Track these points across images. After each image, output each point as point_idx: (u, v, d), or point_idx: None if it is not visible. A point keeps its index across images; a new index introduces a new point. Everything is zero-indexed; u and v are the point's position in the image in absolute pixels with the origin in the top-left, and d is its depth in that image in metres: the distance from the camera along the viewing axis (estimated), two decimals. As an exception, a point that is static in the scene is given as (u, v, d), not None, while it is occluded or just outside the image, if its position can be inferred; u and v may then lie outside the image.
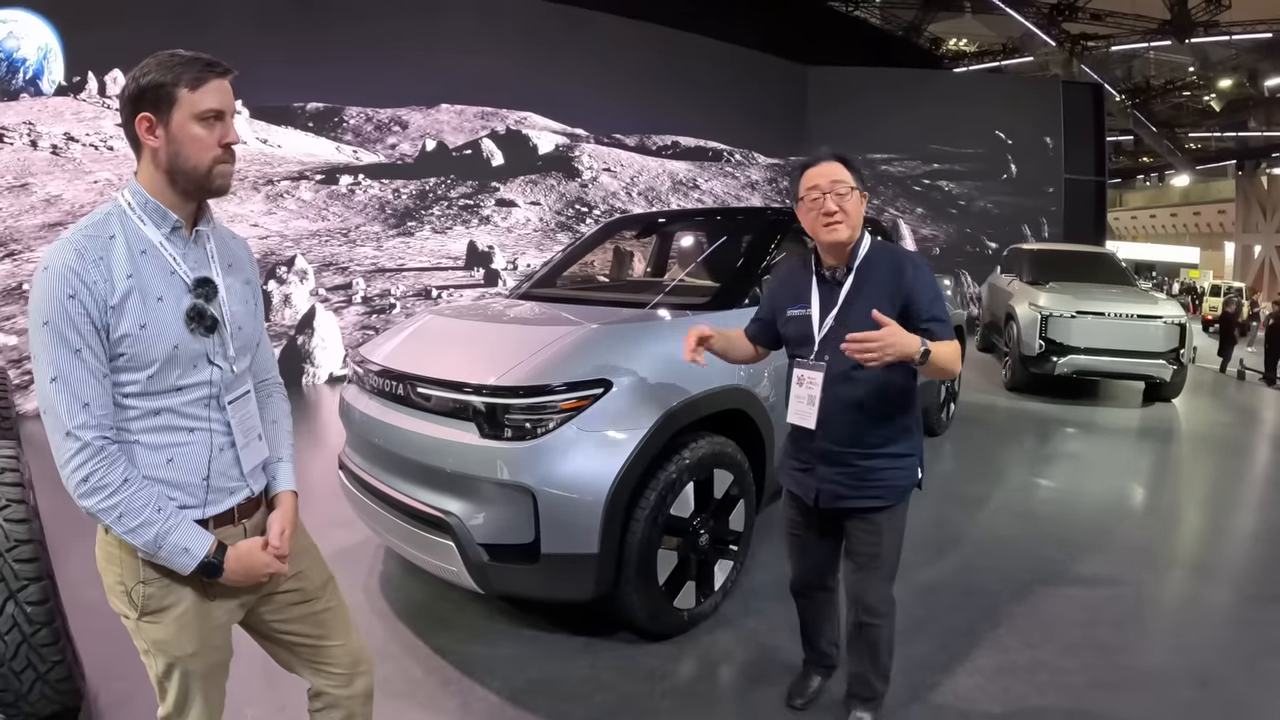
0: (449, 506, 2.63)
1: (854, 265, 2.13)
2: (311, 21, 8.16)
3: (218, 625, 1.51)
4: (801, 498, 2.26)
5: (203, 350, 1.42)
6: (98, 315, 1.30)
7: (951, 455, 5.72)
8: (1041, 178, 14.31)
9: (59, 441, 1.31)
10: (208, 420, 1.45)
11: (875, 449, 2.14)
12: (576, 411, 2.55)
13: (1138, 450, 6.23)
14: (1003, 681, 2.70)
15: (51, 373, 1.29)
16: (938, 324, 2.03)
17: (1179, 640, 3.05)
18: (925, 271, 2.11)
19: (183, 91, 1.34)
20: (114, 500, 1.33)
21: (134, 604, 1.43)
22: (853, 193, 2.09)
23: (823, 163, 2.12)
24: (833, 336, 2.08)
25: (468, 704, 2.56)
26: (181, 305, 1.39)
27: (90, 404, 1.31)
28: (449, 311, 3.71)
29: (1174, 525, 4.52)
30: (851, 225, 2.08)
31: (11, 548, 2.16)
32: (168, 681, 1.49)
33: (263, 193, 7.27)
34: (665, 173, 9.48)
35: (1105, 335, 7.37)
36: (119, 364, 1.34)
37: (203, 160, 1.37)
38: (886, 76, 14.18)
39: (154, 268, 1.37)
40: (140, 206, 1.38)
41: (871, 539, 2.19)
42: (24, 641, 2.16)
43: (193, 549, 1.39)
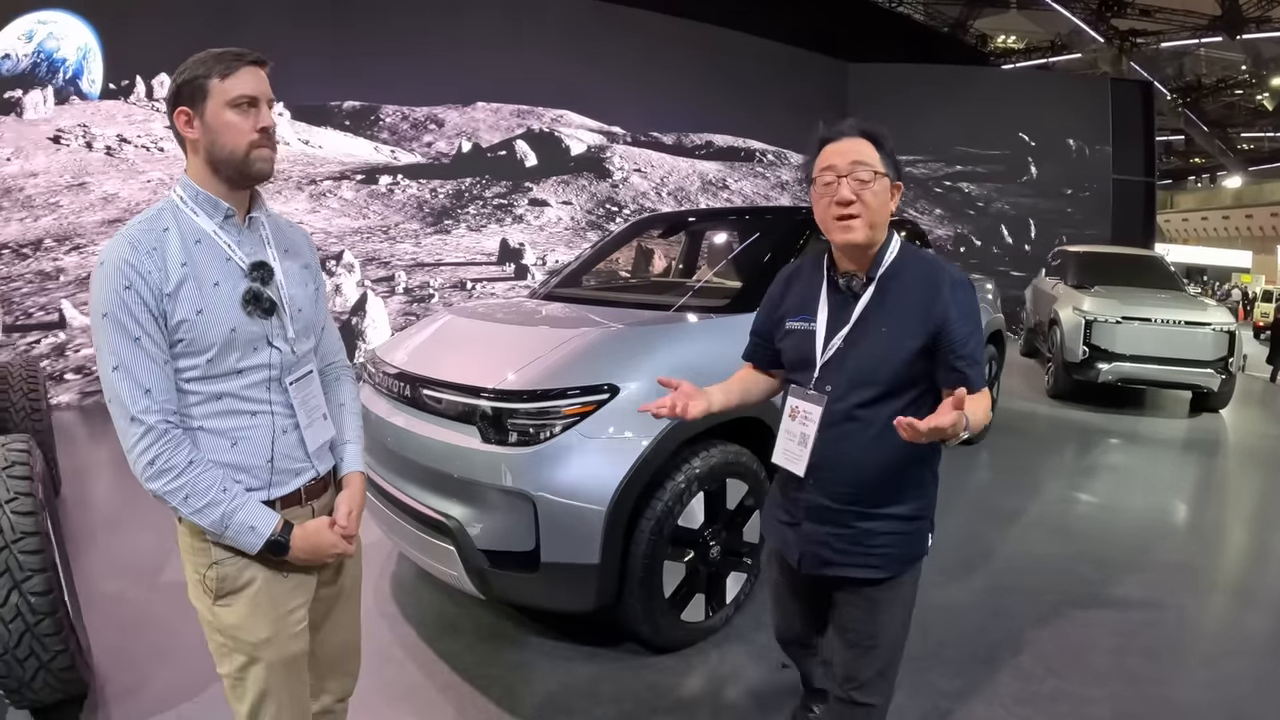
0: (451, 510, 2.59)
1: (876, 275, 1.68)
2: (348, 20, 8.25)
3: (291, 610, 1.52)
4: (784, 556, 1.87)
5: (262, 333, 1.46)
6: (154, 303, 1.34)
7: (987, 465, 5.55)
8: (1086, 177, 13.90)
9: (124, 427, 1.35)
10: (269, 403, 1.48)
11: (878, 508, 1.70)
12: (581, 417, 2.48)
13: (1182, 464, 5.99)
14: (1023, 712, 2.55)
15: (113, 362, 1.33)
16: (974, 367, 1.61)
17: (1216, 672, 2.84)
18: (967, 292, 1.66)
19: (214, 82, 1.38)
20: (180, 482, 1.36)
21: (208, 589, 1.46)
22: (878, 179, 1.63)
23: (845, 138, 1.67)
24: (838, 362, 1.68)
25: (463, 710, 2.52)
26: (238, 290, 1.43)
27: (152, 390, 1.35)
28: (467, 312, 3.68)
29: (1217, 545, 4.30)
30: (872, 222, 1.62)
31: (18, 539, 2.21)
32: (243, 678, 1.49)
33: (306, 192, 7.62)
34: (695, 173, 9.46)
35: (1151, 342, 7.09)
36: (178, 350, 1.38)
37: (239, 145, 1.40)
38: (928, 73, 13.84)
39: (209, 255, 1.41)
40: (192, 199, 1.43)
41: (866, 619, 1.76)
42: (27, 630, 2.20)
43: (259, 527, 1.42)
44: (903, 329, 1.62)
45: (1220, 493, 5.42)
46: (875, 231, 1.64)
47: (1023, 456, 5.75)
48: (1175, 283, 8.53)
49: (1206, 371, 7.07)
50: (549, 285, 4.20)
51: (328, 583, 1.63)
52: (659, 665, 2.75)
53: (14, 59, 6.91)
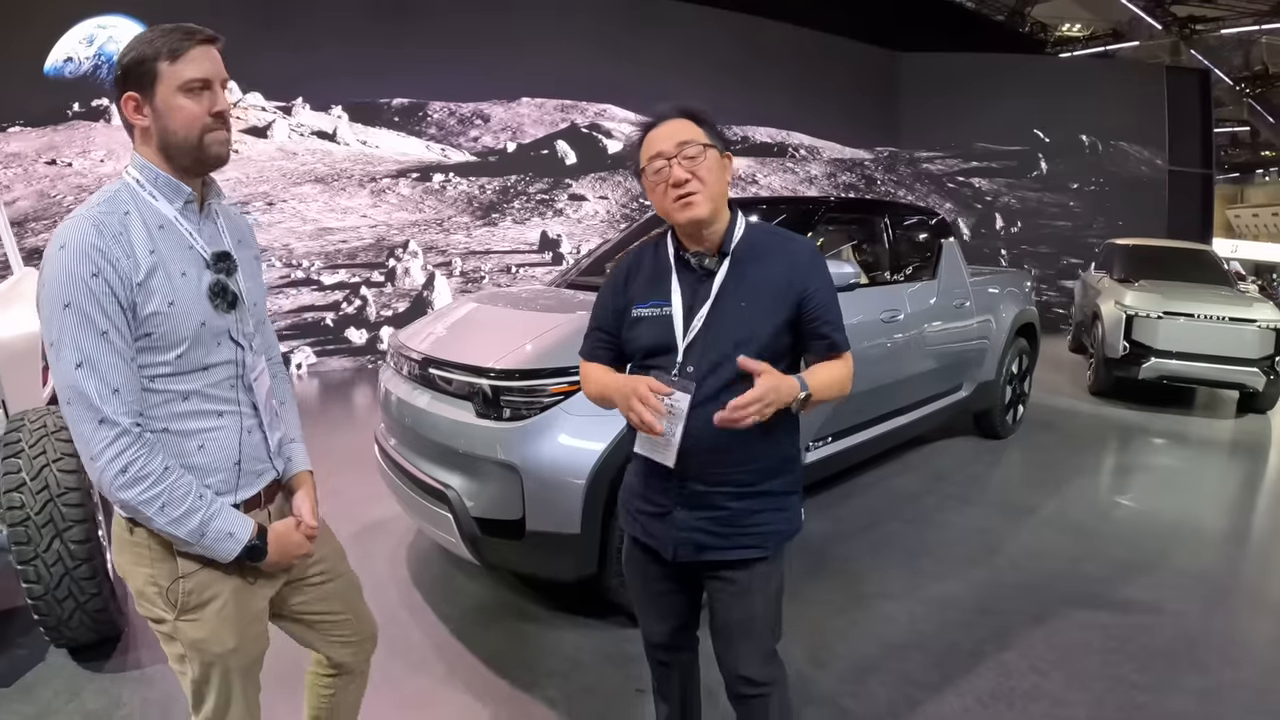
0: (450, 481, 2.76)
1: (729, 249, 1.66)
2: (395, 19, 8.49)
3: (256, 614, 1.48)
4: (655, 550, 1.78)
5: (224, 327, 1.38)
6: (124, 294, 1.23)
7: (1013, 461, 5.49)
8: (1141, 169, 13.48)
9: (89, 432, 1.23)
10: (236, 402, 1.42)
11: (751, 486, 1.68)
12: (566, 396, 2.62)
13: (1218, 467, 5.81)
14: (995, 708, 2.53)
15: (76, 358, 1.21)
16: (837, 333, 1.65)
17: (1209, 682, 2.75)
18: (820, 262, 1.69)
19: (163, 65, 1.28)
20: (156, 490, 1.26)
21: (170, 603, 1.37)
22: (707, 153, 1.61)
23: (666, 122, 1.65)
24: (700, 343, 1.62)
25: (454, 669, 2.69)
26: (203, 281, 1.35)
27: (120, 390, 1.24)
28: (489, 298, 3.85)
29: (1239, 552, 4.15)
30: (711, 195, 1.61)
31: (62, 493, 2.48)
32: (206, 687, 1.43)
33: (368, 189, 8.12)
34: None
35: (1194, 339, 6.87)
36: (145, 344, 1.28)
37: (192, 131, 1.30)
38: (979, 62, 13.49)
39: (173, 243, 1.32)
40: (151, 182, 1.32)
41: (740, 603, 1.74)
42: (67, 574, 2.46)
43: (237, 533, 1.35)
44: (764, 303, 1.61)
45: (1252, 499, 5.25)
46: (717, 204, 1.63)
47: (1053, 453, 5.67)
48: (1224, 278, 8.24)
49: (1251, 370, 6.82)
50: (570, 274, 4.33)
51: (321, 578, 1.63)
52: (640, 638, 2.83)
53: (76, 62, 7.27)
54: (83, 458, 1.26)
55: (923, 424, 4.79)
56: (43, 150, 7.09)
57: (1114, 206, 13.46)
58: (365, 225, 8.06)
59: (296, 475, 1.59)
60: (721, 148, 1.65)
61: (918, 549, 3.81)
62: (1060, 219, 13.63)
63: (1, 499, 2.45)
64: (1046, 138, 13.59)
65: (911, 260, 4.75)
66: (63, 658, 2.69)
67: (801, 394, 1.52)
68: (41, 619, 2.50)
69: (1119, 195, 13.51)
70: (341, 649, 1.71)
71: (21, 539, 2.40)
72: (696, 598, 1.89)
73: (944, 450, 5.51)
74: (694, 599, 1.90)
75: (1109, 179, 13.61)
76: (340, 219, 8.08)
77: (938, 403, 4.89)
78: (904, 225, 4.76)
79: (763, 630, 1.77)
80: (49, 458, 2.51)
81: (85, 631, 2.60)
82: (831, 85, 12.27)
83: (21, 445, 2.52)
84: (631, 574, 1.93)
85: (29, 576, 2.42)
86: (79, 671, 2.62)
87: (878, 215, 4.48)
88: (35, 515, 2.42)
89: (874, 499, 4.51)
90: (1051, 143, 13.62)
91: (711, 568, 1.74)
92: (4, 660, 2.68)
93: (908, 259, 4.70)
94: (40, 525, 2.42)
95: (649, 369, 1.67)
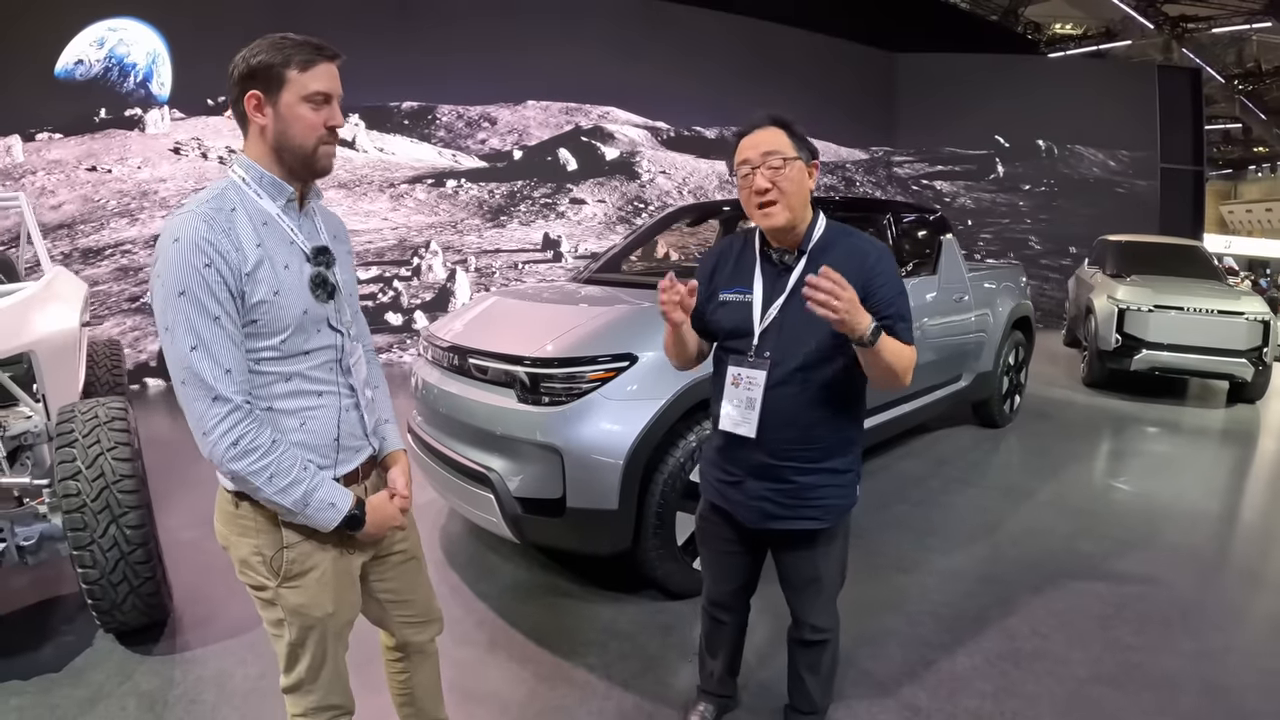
0: (491, 463, 2.93)
1: (807, 248, 1.83)
2: (405, 23, 8.77)
3: (351, 580, 1.58)
4: (729, 512, 1.99)
5: (324, 315, 1.48)
6: (234, 282, 1.33)
7: (1011, 448, 5.68)
8: (1132, 166, 13.68)
9: (203, 409, 1.33)
10: (335, 383, 1.51)
11: (815, 464, 1.85)
12: (603, 382, 2.80)
13: (1209, 453, 5.98)
14: (1002, 667, 2.72)
15: (191, 341, 1.31)
16: (900, 323, 1.76)
17: (1201, 645, 2.92)
18: (889, 261, 1.82)
19: (292, 73, 1.37)
20: (265, 461, 1.36)
21: (274, 571, 1.47)
22: (791, 164, 1.74)
23: (756, 130, 1.80)
24: (775, 330, 1.81)
25: (496, 640, 2.86)
26: (305, 273, 1.44)
27: (232, 370, 1.34)
28: (512, 294, 4.04)
29: (1229, 531, 4.31)
30: (791, 205, 1.75)
31: (117, 480, 2.56)
32: (302, 649, 1.53)
33: (387, 194, 8.70)
34: (714, 173, 10.39)
35: (1184, 331, 7.08)
36: (251, 330, 1.38)
37: (309, 140, 1.40)
38: (974, 62, 13.69)
39: (276, 238, 1.42)
40: (256, 181, 1.42)
41: (806, 566, 1.96)
42: (122, 559, 2.54)
43: (338, 504, 1.45)
44: None
45: (1242, 483, 5.41)
46: (795, 213, 1.78)
47: (1049, 440, 5.86)
48: (1214, 273, 8.44)
49: (1240, 361, 7.04)
50: (589, 270, 4.51)
51: (401, 557, 1.73)
52: (673, 610, 3.04)
53: (87, 64, 7.41)
54: (195, 434, 1.36)
55: (925, 412, 4.97)
56: (82, 158, 7.40)
57: (1106, 203, 13.65)
58: (388, 227, 8.65)
59: (391, 453, 1.70)
60: (807, 158, 1.79)
61: (925, 528, 4.01)
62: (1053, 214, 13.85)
63: (56, 488, 2.52)
64: (1037, 137, 13.76)
65: (913, 256, 4.92)
66: (110, 643, 2.77)
67: (871, 326, 1.60)
68: (95, 603, 2.57)
69: (1110, 191, 13.70)
70: (408, 629, 1.81)
71: (78, 525, 2.48)
72: (758, 564, 2.10)
73: (945, 438, 5.71)
74: (756, 564, 2.10)
75: (1101, 175, 13.80)
76: (365, 221, 8.58)
77: (939, 392, 5.07)
78: (906, 223, 4.93)
79: (829, 587, 2.00)
80: (103, 446, 2.59)
81: (137, 615, 2.67)
82: (831, 86, 12.45)
83: (75, 435, 2.59)
84: (704, 535, 2.13)
85: (84, 562, 2.49)
86: (129, 655, 2.70)
87: (881, 213, 4.65)
88: (91, 502, 2.49)
89: (882, 482, 4.71)
90: (1026, 145, 13.82)
91: (778, 536, 1.95)
92: (51, 647, 2.75)
93: (910, 255, 4.87)
94: (97, 512, 2.49)
95: (729, 350, 1.89)
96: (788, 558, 1.99)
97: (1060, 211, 13.71)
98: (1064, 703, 2.53)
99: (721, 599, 2.17)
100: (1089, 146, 13.77)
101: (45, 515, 2.71)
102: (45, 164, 7.25)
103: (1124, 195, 13.68)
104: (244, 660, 2.68)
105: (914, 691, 2.57)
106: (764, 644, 2.76)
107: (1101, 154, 13.76)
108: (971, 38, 15.16)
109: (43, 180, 7.21)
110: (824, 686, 2.15)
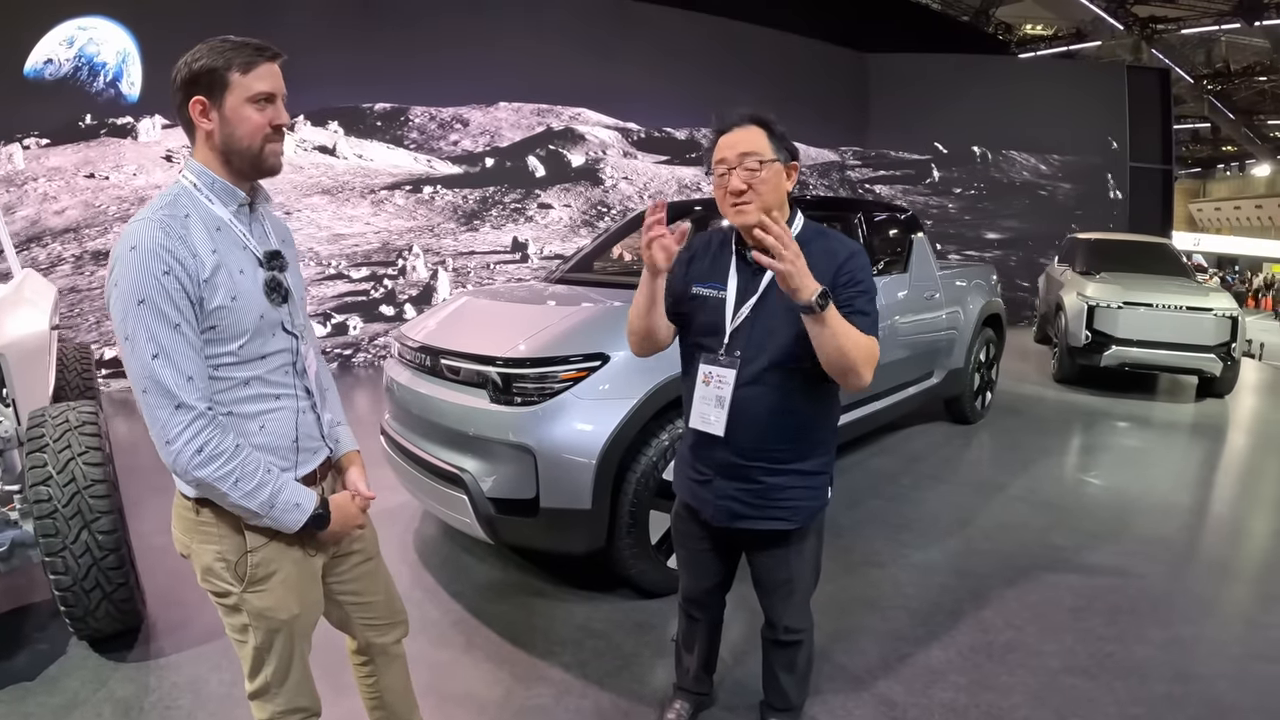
0: (464, 464, 2.92)
1: None
2: (376, 24, 8.77)
3: (314, 579, 1.59)
4: (697, 510, 2.00)
5: (279, 319, 1.49)
6: (192, 289, 1.33)
7: (983, 444, 5.74)
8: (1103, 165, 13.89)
9: (166, 417, 1.33)
10: (292, 386, 1.53)
11: (783, 464, 1.85)
12: (575, 381, 2.80)
13: (1179, 447, 6.06)
14: (976, 659, 2.76)
15: (153, 350, 1.30)
16: (858, 315, 1.71)
17: (1171, 634, 2.98)
18: (860, 260, 1.79)
19: (235, 75, 1.37)
20: (230, 466, 1.36)
21: (239, 575, 1.47)
22: (768, 166, 1.72)
23: (735, 129, 1.76)
24: (746, 330, 1.81)
25: (472, 641, 2.86)
26: (259, 278, 1.45)
27: (194, 377, 1.34)
28: (484, 294, 4.04)
29: (1199, 523, 4.37)
30: (765, 205, 1.72)
31: (89, 485, 2.53)
32: (268, 653, 1.53)
33: (368, 199, 9.00)
34: (673, 178, 10.82)
35: (1153, 327, 7.19)
36: (210, 336, 1.38)
37: (255, 141, 1.40)
38: (946, 63, 13.83)
39: (230, 243, 1.42)
40: (208, 186, 1.42)
41: (778, 565, 1.96)
42: (95, 565, 2.51)
43: (303, 504, 1.46)
44: None
45: (1211, 475, 5.49)
46: (769, 212, 1.67)
47: (1020, 436, 5.93)
48: (1183, 269, 8.58)
49: (1209, 356, 7.15)
50: (560, 270, 4.51)
51: (359, 558, 1.73)
52: (647, 608, 3.05)
53: (56, 63, 7.32)
54: (158, 443, 1.35)
55: (898, 409, 5.02)
56: (80, 165, 7.60)
57: (1074, 201, 13.85)
58: (370, 231, 8.99)
59: (346, 454, 1.71)
60: (785, 159, 1.77)
61: (898, 523, 4.04)
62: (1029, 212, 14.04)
63: (28, 493, 2.49)
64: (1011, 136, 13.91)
65: (884, 255, 4.97)
66: (84, 650, 2.74)
67: (818, 290, 1.55)
68: (68, 610, 2.54)
69: (1078, 190, 13.89)
70: (371, 632, 1.80)
71: (50, 531, 2.44)
72: (732, 563, 2.11)
73: (918, 435, 5.76)
74: (729, 563, 2.11)
75: (1073, 174, 13.99)
76: (349, 225, 8.87)
77: (911, 389, 5.12)
78: (876, 221, 4.98)
79: (801, 588, 2.00)
80: (74, 451, 2.55)
81: (110, 622, 2.65)
82: (804, 86, 12.50)
83: (46, 440, 2.55)
84: (678, 533, 2.14)
85: (57, 568, 2.46)
86: (103, 662, 2.68)
87: (852, 212, 4.69)
88: (63, 508, 2.46)
89: (855, 479, 4.74)
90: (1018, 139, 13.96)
91: (749, 536, 1.94)
92: (25, 655, 2.72)
93: (881, 253, 4.91)
94: (68, 517, 2.46)
95: (701, 348, 1.88)
96: (759, 558, 1.99)
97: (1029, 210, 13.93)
98: (1038, 693, 2.56)
99: (696, 596, 2.18)
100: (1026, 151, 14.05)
101: (16, 521, 2.67)
102: (46, 171, 7.45)
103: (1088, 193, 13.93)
104: (218, 665, 2.66)
105: (889, 685, 2.59)
106: (740, 642, 2.77)
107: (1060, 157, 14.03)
108: (943, 38, 15.30)
109: (44, 186, 7.44)
110: (800, 684, 2.17)
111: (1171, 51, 20.72)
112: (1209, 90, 24.19)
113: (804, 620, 2.05)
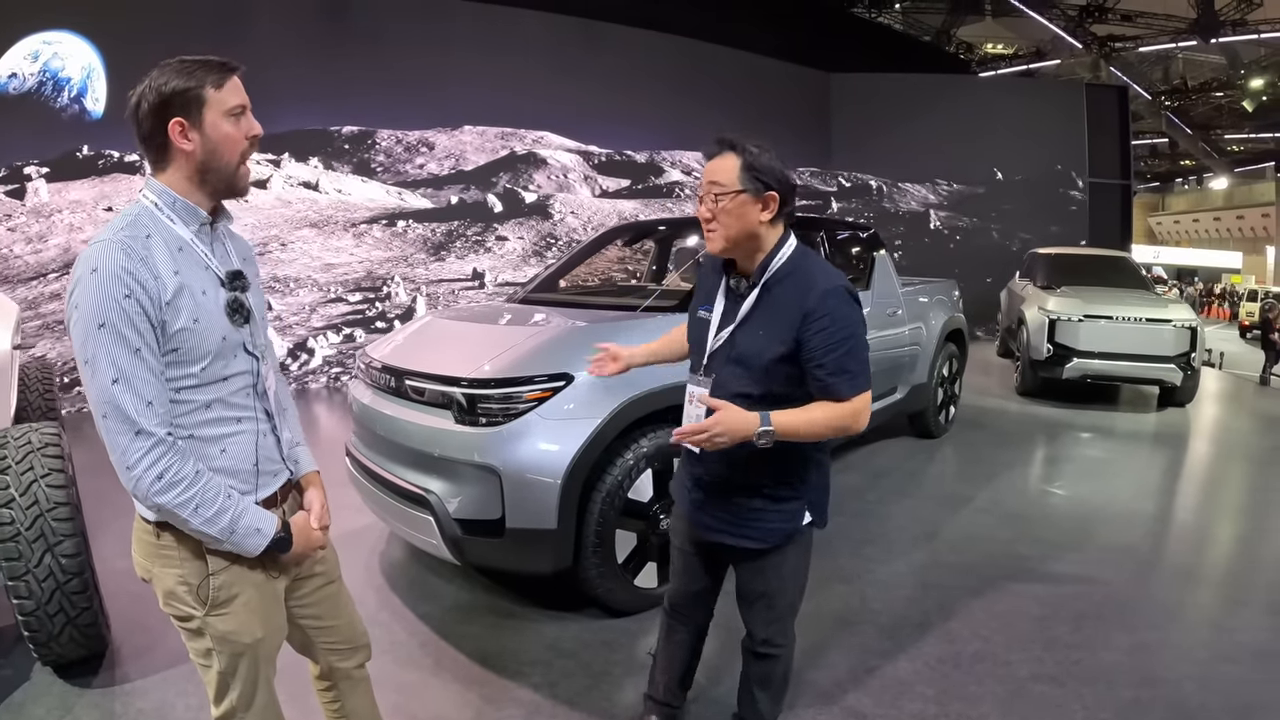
0: (430, 485, 2.91)
1: (760, 280, 1.80)
2: (342, 47, 8.88)
3: (278, 603, 1.58)
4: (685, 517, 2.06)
5: (240, 340, 1.47)
6: (154, 313, 1.31)
7: (947, 458, 5.79)
8: (1061, 181, 14.19)
9: (126, 443, 1.31)
10: (252, 408, 1.51)
11: (753, 488, 1.87)
12: (540, 401, 2.81)
13: (1141, 456, 6.15)
14: (944, 670, 2.78)
15: (113, 374, 1.29)
16: (834, 377, 1.70)
17: (1137, 639, 3.03)
18: (835, 303, 1.71)
19: (210, 91, 1.36)
20: (190, 493, 1.35)
21: (202, 599, 1.46)
22: (732, 198, 1.73)
23: (714, 157, 1.78)
24: (723, 353, 1.85)
25: (440, 662, 2.84)
26: (220, 298, 1.44)
27: (154, 402, 1.32)
28: (448, 314, 4.05)
29: (1162, 530, 4.44)
30: (730, 236, 1.75)
31: (51, 508, 2.49)
32: (233, 677, 1.51)
33: (350, 232, 9.50)
34: (615, 211, 11.41)
35: (1113, 339, 7.33)
36: (172, 359, 1.36)
37: (234, 156, 1.40)
38: (907, 82, 14.10)
39: (191, 263, 1.40)
40: (169, 206, 1.40)
41: (754, 579, 1.99)
42: (58, 589, 2.47)
43: (264, 528, 1.45)
44: (774, 334, 1.75)
45: (1173, 484, 5.57)
46: (735, 243, 1.78)
47: (985, 449, 6.00)
48: (1142, 282, 8.77)
49: (1168, 367, 7.30)
50: (524, 290, 4.52)
51: (320, 580, 1.71)
52: (616, 627, 3.05)
53: (20, 78, 7.24)
54: (118, 468, 1.33)
55: (862, 425, 5.05)
56: (98, 199, 7.94)
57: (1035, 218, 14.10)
58: (355, 261, 9.54)
59: (306, 475, 1.70)
60: (756, 189, 1.73)
61: (863, 538, 4.07)
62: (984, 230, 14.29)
63: None
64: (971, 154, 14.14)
65: (847, 272, 5.03)
66: (49, 676, 2.69)
67: (759, 429, 1.63)
68: (31, 635, 2.50)
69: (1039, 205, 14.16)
70: (333, 656, 1.79)
71: (12, 554, 2.41)
72: (717, 573, 2.14)
73: (882, 450, 5.80)
74: (715, 573, 2.14)
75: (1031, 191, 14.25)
76: (336, 256, 9.36)
77: (874, 405, 5.14)
78: (839, 239, 5.04)
79: (780, 604, 2.01)
80: (37, 473, 2.51)
81: (75, 647, 2.61)
82: (769, 105, 12.64)
83: (9, 462, 2.51)
84: (674, 532, 2.20)
85: (20, 592, 2.42)
86: (68, 689, 2.63)
87: (814, 230, 4.76)
88: (26, 531, 2.42)
89: (821, 495, 4.76)
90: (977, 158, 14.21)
91: (727, 548, 1.98)
92: None
93: (843, 270, 4.97)
94: (31, 541, 2.43)
95: (691, 367, 1.97)
96: (739, 570, 2.03)
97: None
98: (1006, 702, 2.59)
99: (680, 601, 2.22)
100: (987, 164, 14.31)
101: None
102: (68, 204, 7.80)
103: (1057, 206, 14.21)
104: (185, 691, 2.62)
105: (858, 698, 2.61)
106: (717, 660, 2.76)
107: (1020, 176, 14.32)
108: (905, 58, 15.60)
109: (69, 218, 7.80)
110: (774, 700, 2.16)
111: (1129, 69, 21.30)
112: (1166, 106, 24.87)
113: (783, 636, 2.06)
